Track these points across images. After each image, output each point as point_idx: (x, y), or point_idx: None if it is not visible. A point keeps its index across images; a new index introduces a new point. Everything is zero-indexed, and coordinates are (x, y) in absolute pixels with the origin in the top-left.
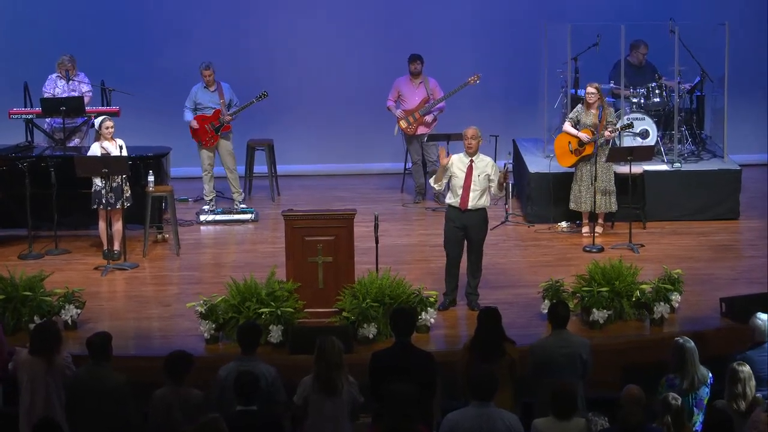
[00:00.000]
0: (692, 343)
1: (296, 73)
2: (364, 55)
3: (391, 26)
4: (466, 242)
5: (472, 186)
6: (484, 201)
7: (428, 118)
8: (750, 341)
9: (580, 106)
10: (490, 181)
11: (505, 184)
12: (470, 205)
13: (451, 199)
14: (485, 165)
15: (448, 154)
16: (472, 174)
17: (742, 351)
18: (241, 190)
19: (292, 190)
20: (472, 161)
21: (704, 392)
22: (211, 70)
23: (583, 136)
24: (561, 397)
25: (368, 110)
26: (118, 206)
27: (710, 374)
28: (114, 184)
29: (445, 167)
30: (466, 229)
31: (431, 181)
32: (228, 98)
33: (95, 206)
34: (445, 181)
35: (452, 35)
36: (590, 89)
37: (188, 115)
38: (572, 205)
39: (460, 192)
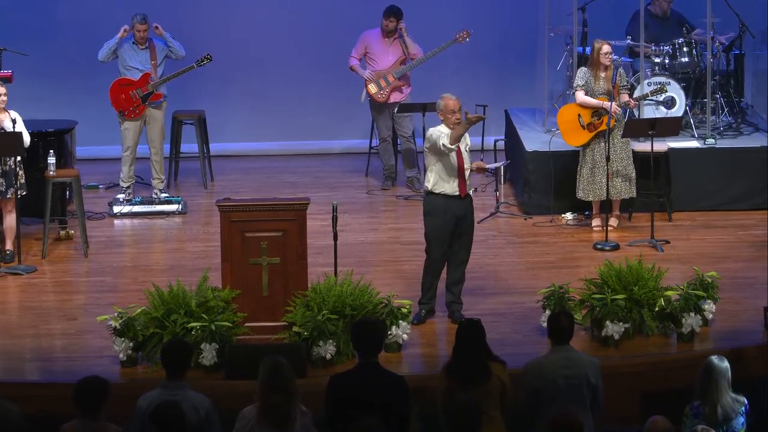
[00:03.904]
0: (726, 363)
1: (234, 28)
2: (322, 3)
3: None
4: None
5: (464, 164)
6: (470, 183)
7: (405, 89)
8: None
9: (585, 69)
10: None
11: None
12: (466, 188)
13: (442, 187)
14: (464, 137)
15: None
16: (461, 151)
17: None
18: (164, 177)
19: (229, 174)
20: None
21: (739, 423)
22: (146, 24)
23: (612, 106)
24: (564, 431)
25: (326, 73)
26: (10, 195)
27: (745, 400)
28: (5, 168)
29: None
30: (459, 221)
31: (444, 140)
32: (161, 59)
33: None
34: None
35: None
36: (607, 47)
37: (107, 44)
38: (582, 194)
39: (454, 175)
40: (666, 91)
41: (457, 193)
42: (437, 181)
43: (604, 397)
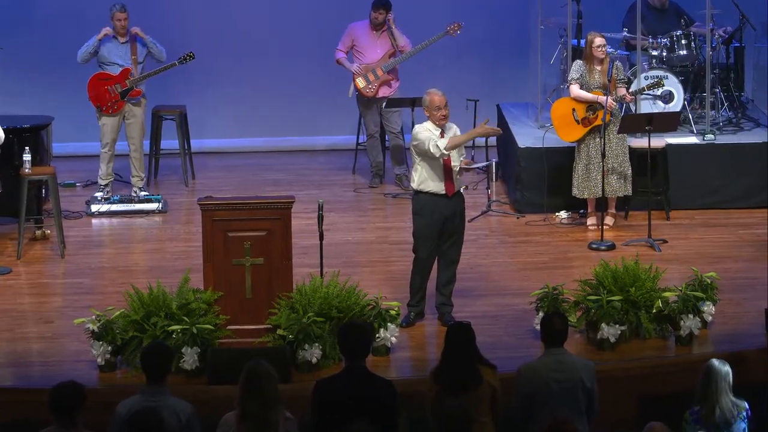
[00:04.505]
0: (727, 367)
1: (217, 20)
2: None
3: None
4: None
5: (452, 162)
6: (460, 181)
7: (393, 83)
8: None
9: (580, 62)
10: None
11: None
12: (455, 186)
13: (428, 186)
14: (454, 133)
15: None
16: None
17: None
18: (144, 175)
19: (211, 172)
20: (442, 132)
21: (740, 428)
22: (126, 13)
23: (604, 99)
24: None
25: (311, 67)
26: None
27: (746, 405)
28: None
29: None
30: (446, 221)
31: (441, 143)
32: (143, 56)
33: None
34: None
35: None
36: (600, 40)
37: (87, 44)
38: (577, 192)
39: (440, 174)
40: (663, 85)
41: (444, 192)
42: (423, 179)
43: (600, 402)
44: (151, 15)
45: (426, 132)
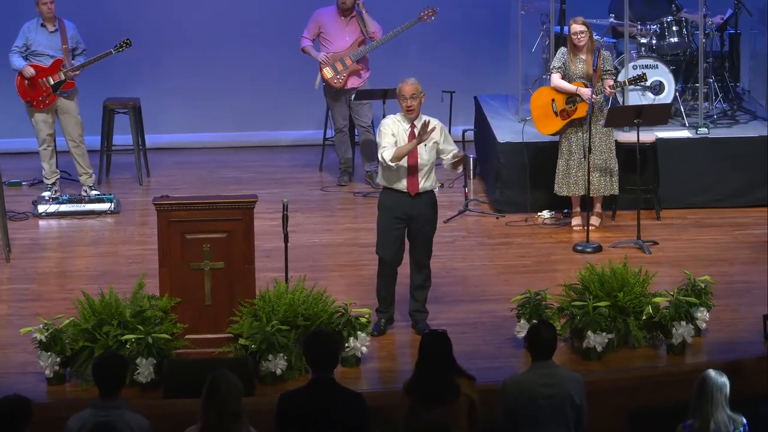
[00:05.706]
0: (724, 378)
1: (171, 6)
2: None
3: None
4: (407, 240)
5: (419, 160)
6: (433, 181)
7: (363, 73)
8: None
9: (564, 50)
10: (439, 151)
11: (459, 168)
12: (420, 186)
13: (389, 181)
14: (432, 128)
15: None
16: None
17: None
18: (91, 171)
19: (167, 169)
20: (413, 126)
21: None
22: None
23: (584, 92)
24: None
25: (275, 56)
26: None
27: (744, 420)
28: None
29: (421, 141)
30: (410, 221)
31: (385, 155)
32: (73, 44)
33: None
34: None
35: None
36: (577, 26)
37: (18, 61)
38: (557, 188)
39: (403, 171)
40: (646, 79)
41: (406, 191)
42: (387, 175)
43: (587, 416)
44: (98, 4)
45: (392, 125)
